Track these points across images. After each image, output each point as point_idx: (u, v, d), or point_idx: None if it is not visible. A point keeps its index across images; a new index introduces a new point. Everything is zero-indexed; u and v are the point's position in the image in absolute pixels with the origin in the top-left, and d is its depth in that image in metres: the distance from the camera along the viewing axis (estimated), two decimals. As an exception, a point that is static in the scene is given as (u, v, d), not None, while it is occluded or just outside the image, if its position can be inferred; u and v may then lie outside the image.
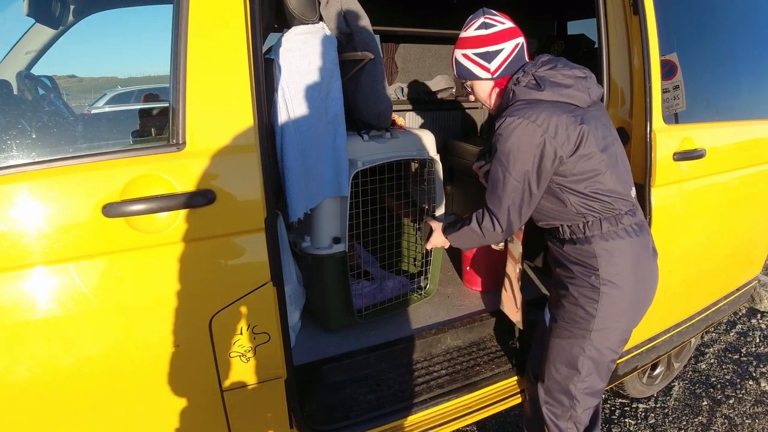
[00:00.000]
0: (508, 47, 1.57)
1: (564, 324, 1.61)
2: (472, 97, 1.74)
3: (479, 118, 4.12)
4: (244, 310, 1.55)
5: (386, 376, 2.23)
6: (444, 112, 3.97)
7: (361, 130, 2.27)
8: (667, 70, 2.20)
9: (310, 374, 2.13)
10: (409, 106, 3.80)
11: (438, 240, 1.86)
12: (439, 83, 4.07)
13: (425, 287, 2.62)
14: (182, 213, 1.42)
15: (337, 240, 2.15)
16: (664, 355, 2.56)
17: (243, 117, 1.48)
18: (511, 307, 2.21)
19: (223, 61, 1.45)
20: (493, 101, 1.68)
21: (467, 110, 4.06)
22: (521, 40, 1.61)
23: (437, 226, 1.87)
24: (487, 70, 1.59)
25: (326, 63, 1.92)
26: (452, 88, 4.10)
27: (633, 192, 1.63)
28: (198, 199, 1.42)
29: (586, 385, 1.63)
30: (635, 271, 1.55)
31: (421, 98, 3.91)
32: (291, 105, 1.84)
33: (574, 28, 4.06)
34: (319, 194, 2.01)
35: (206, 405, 1.59)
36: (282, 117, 1.82)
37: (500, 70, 1.58)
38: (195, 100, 1.43)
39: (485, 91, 1.66)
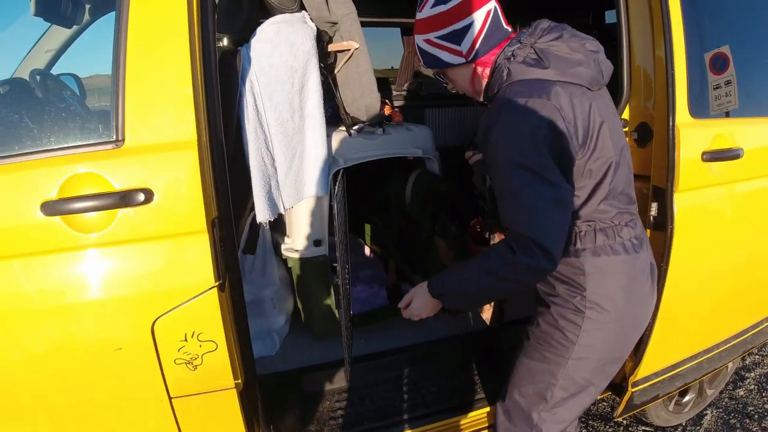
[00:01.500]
0: (478, 19, 1.23)
1: (537, 345, 1.34)
2: (450, 88, 1.43)
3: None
4: (186, 316, 1.42)
5: (371, 390, 2.05)
6: (466, 108, 3.71)
7: (350, 126, 2.11)
8: (720, 64, 1.89)
9: (288, 383, 1.99)
10: (430, 102, 3.58)
11: (421, 303, 1.42)
12: (464, 78, 3.82)
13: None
14: (120, 212, 1.33)
15: (317, 243, 2.00)
16: (692, 383, 2.23)
17: (183, 112, 1.36)
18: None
19: (163, 53, 1.34)
20: (478, 86, 1.33)
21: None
22: (492, 4, 1.26)
23: (418, 288, 1.43)
24: (458, 54, 1.27)
25: (300, 54, 1.76)
26: (479, 83, 3.84)
27: (635, 200, 1.36)
28: (135, 198, 1.32)
29: (553, 416, 1.35)
30: (628, 295, 1.27)
31: (441, 93, 3.67)
32: (260, 99, 1.70)
33: (612, 17, 3.67)
34: (296, 194, 1.86)
35: (155, 412, 1.49)
36: (249, 112, 1.68)
37: (475, 49, 1.25)
38: (135, 93, 1.33)
39: (465, 78, 1.33)
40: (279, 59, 1.72)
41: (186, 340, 1.45)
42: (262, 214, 1.72)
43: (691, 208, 1.79)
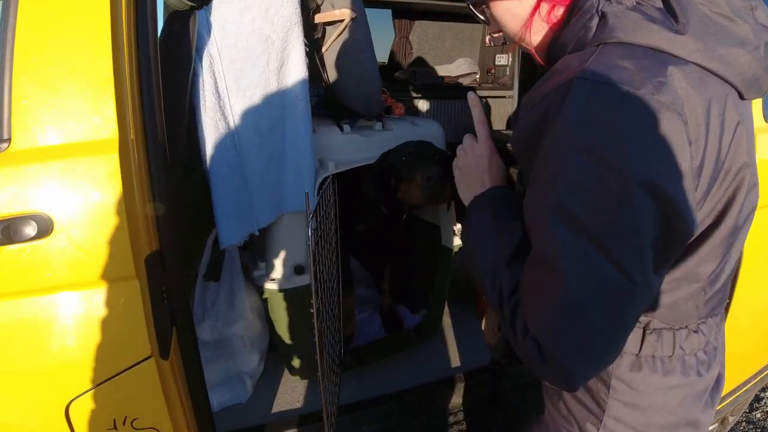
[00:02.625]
0: None
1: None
2: (494, 34, 0.81)
3: (508, 107, 3.42)
4: (113, 395, 0.99)
5: (365, 450, 1.62)
6: (464, 102, 3.28)
7: (342, 119, 1.65)
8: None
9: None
10: (423, 94, 3.13)
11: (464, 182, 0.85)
12: (460, 67, 3.37)
13: (422, 329, 1.97)
14: (4, 250, 0.85)
15: (299, 270, 1.53)
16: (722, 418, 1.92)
17: (99, 100, 0.89)
18: (491, 324, 1.41)
19: (70, 12, 0.87)
20: (537, 37, 0.74)
21: (495, 98, 3.36)
22: None
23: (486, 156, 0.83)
24: None
25: (279, 20, 1.29)
26: (476, 73, 3.40)
27: (728, 293, 0.85)
28: (23, 229, 0.85)
29: None
30: None
31: (438, 84, 3.23)
32: (222, 80, 1.22)
33: None
34: (272, 209, 1.39)
35: None
36: (208, 98, 1.20)
37: None
38: (27, 72, 0.91)
39: (517, 17, 0.74)
40: (250, 27, 1.24)
41: (115, 427, 1.02)
42: (227, 238, 1.25)
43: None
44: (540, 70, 0.79)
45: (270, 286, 1.51)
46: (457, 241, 1.84)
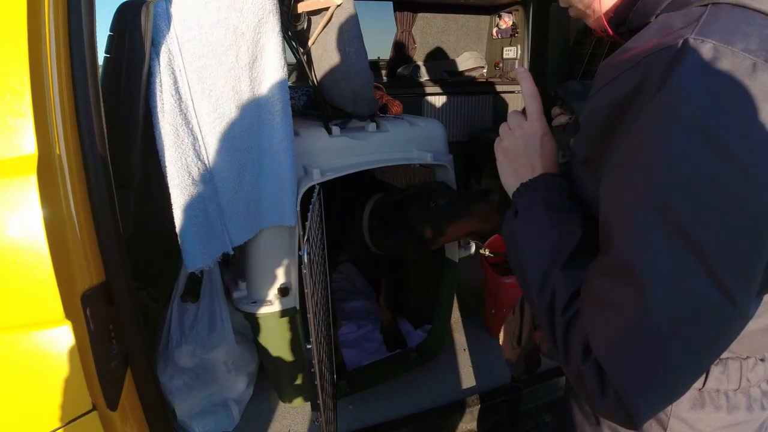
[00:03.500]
0: None
1: None
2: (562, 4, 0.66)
3: (516, 104, 3.21)
4: None
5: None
6: (472, 97, 3.08)
7: (331, 120, 1.46)
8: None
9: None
10: (428, 90, 2.94)
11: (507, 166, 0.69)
12: (466, 62, 3.17)
13: (425, 348, 1.78)
14: None
15: (284, 291, 1.35)
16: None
17: (10, 109, 0.71)
18: (510, 338, 1.18)
19: None
20: (606, 1, 0.60)
21: (501, 94, 3.16)
22: None
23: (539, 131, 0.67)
24: None
25: (250, 9, 1.11)
26: (483, 67, 3.20)
27: None
28: None
29: None
30: None
31: (443, 80, 3.03)
32: (183, 79, 1.05)
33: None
34: (249, 224, 1.21)
35: None
36: (166, 100, 1.02)
37: None
38: None
39: None
40: (215, 16, 1.07)
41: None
42: (193, 260, 1.08)
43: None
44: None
45: (252, 309, 1.34)
46: (462, 254, 1.65)
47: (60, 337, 0.77)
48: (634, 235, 0.46)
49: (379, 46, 3.24)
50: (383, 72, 3.17)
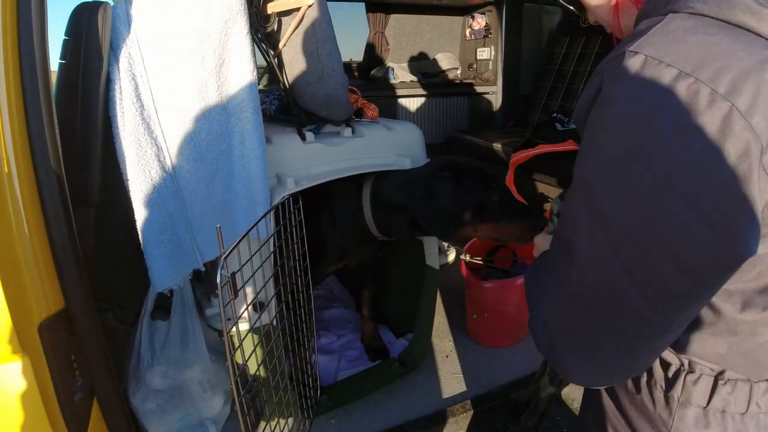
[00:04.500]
0: None
1: None
2: (589, 20, 0.72)
3: (492, 104, 3.20)
4: None
5: None
6: (447, 99, 3.06)
7: (304, 126, 1.41)
8: None
9: None
10: (402, 92, 2.91)
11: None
12: (440, 63, 3.15)
13: (407, 357, 1.73)
14: None
15: (260, 306, 1.29)
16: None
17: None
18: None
19: None
20: (626, 22, 0.65)
21: (477, 95, 3.15)
22: None
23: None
24: None
25: (216, 10, 1.05)
26: (457, 69, 3.18)
27: None
28: None
29: None
30: None
31: (417, 82, 3.00)
32: (145, 85, 0.98)
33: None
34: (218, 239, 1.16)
35: None
36: (127, 111, 0.95)
37: None
38: None
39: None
40: (179, 18, 1.00)
41: None
42: (160, 280, 1.01)
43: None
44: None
45: (229, 326, 1.27)
46: (443, 261, 1.61)
47: (17, 373, 0.70)
48: (570, 213, 0.55)
49: (351, 48, 3.19)
50: (356, 74, 3.12)
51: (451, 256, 1.66)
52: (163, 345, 1.41)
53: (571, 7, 0.71)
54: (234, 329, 1.28)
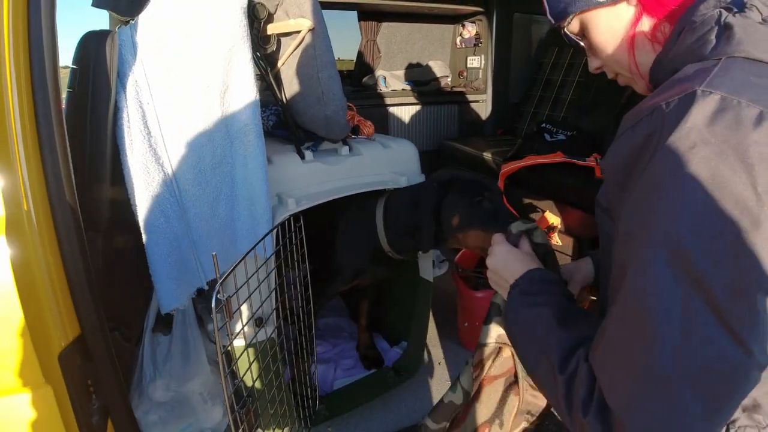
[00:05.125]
0: None
1: None
2: (594, 64, 0.71)
3: (482, 112, 3.26)
4: None
5: None
6: (437, 107, 3.10)
7: (303, 144, 1.44)
8: None
9: None
10: (393, 101, 2.95)
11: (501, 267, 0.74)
12: (431, 71, 3.20)
13: (402, 366, 1.78)
14: None
15: (260, 321, 1.33)
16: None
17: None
18: None
19: None
20: (642, 58, 0.63)
21: (467, 104, 3.20)
22: None
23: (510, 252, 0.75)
24: None
25: (222, 36, 1.08)
26: (447, 76, 3.23)
27: None
28: None
29: None
30: None
31: (408, 90, 3.05)
32: (153, 115, 1.01)
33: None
34: (222, 258, 1.19)
35: None
36: (136, 139, 0.98)
37: None
38: None
39: (615, 36, 0.64)
40: (183, 45, 1.03)
41: None
42: (168, 301, 1.04)
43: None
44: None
45: (227, 342, 1.30)
46: (436, 273, 1.66)
47: (40, 403, 0.73)
48: (645, 278, 0.46)
49: (343, 56, 3.23)
50: (348, 81, 3.15)
51: (444, 269, 1.71)
52: (165, 359, 1.44)
53: (574, 41, 0.69)
54: (238, 343, 1.32)
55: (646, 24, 0.61)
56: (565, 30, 0.68)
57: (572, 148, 2.18)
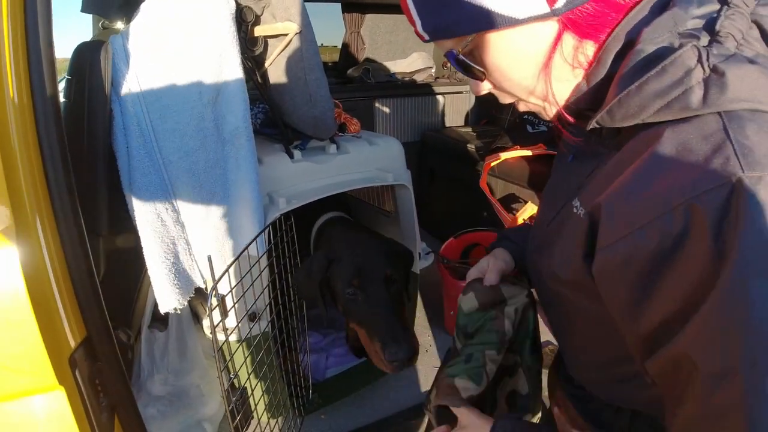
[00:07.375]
0: None
1: None
2: (483, 88, 0.57)
3: (466, 103, 3.31)
4: None
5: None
6: (421, 98, 3.15)
7: (291, 143, 1.48)
8: None
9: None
10: (377, 92, 2.98)
11: None
12: (415, 62, 3.23)
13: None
14: None
15: (254, 316, 1.38)
16: None
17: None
18: None
19: None
20: (559, 86, 0.53)
21: (451, 94, 3.24)
22: None
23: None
24: None
25: (212, 43, 1.12)
26: (431, 68, 3.27)
27: None
28: None
29: None
30: None
31: (392, 82, 3.08)
32: (146, 120, 1.05)
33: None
34: (220, 256, 1.24)
35: None
36: (131, 144, 1.03)
37: None
38: None
39: (530, 54, 0.51)
40: (176, 53, 1.07)
41: None
42: (168, 301, 1.09)
43: None
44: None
45: (221, 336, 1.35)
46: (422, 264, 1.72)
47: (54, 406, 0.77)
48: (731, 390, 0.37)
49: (327, 48, 3.24)
50: (333, 73, 3.17)
51: (430, 260, 1.77)
52: (163, 355, 1.49)
53: (462, 65, 0.54)
54: (223, 338, 1.37)
55: (567, 44, 0.50)
56: (457, 51, 0.52)
57: (554, 139, 2.25)
